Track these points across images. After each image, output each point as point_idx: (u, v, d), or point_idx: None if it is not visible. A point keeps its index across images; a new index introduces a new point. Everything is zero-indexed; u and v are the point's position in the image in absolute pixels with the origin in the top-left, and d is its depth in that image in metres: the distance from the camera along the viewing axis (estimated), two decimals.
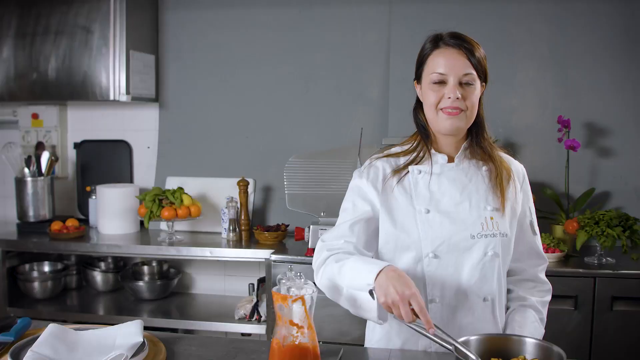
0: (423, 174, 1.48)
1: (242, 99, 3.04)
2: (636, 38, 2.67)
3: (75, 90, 2.82)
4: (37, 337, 1.32)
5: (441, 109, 1.42)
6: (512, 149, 2.27)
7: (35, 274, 2.93)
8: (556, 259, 2.39)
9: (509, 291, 1.57)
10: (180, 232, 2.92)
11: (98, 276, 2.99)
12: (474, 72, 1.40)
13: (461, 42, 1.40)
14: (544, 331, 1.52)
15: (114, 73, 2.79)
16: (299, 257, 2.47)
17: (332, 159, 2.71)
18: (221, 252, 2.67)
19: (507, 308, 1.56)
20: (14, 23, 2.86)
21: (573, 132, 2.65)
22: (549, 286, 1.59)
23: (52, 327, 1.34)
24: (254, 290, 2.76)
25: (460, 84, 1.40)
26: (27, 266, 2.95)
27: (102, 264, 3.05)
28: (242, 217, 2.81)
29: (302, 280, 1.21)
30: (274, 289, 1.21)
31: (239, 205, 2.82)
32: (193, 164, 3.10)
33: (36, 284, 2.84)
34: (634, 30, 2.66)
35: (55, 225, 2.84)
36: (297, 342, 1.20)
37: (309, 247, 2.49)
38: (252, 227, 2.87)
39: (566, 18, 2.72)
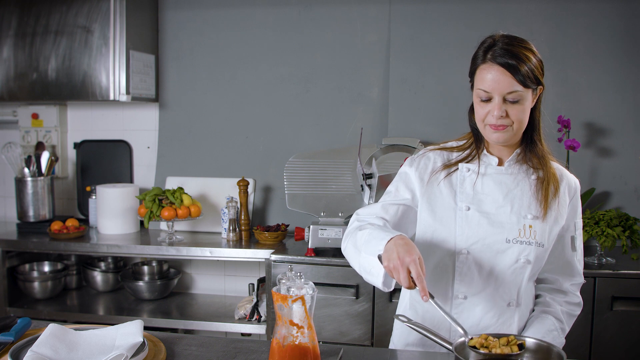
0: (471, 173, 1.50)
1: (242, 99, 3.04)
2: (636, 38, 2.67)
3: (75, 90, 2.82)
4: (37, 337, 1.32)
5: (487, 125, 1.43)
6: None
7: (35, 274, 2.93)
8: None
9: (538, 296, 1.57)
10: (180, 232, 2.92)
11: (98, 276, 2.99)
12: (521, 89, 1.37)
13: (507, 60, 1.36)
14: (564, 341, 1.50)
15: (114, 73, 2.79)
16: (299, 257, 2.47)
17: (332, 159, 2.71)
18: (221, 252, 2.67)
19: (533, 311, 1.56)
20: (14, 23, 2.86)
21: (573, 132, 2.65)
22: (579, 300, 1.57)
23: (52, 327, 1.34)
24: (254, 290, 2.76)
25: (505, 100, 1.39)
26: (27, 266, 2.95)
27: (102, 264, 3.05)
28: (242, 217, 2.81)
29: (302, 280, 1.21)
30: (274, 289, 1.21)
31: (239, 205, 2.82)
32: (193, 164, 3.10)
33: (36, 284, 2.84)
34: (634, 30, 2.66)
35: (55, 225, 2.84)
36: (297, 342, 1.20)
37: (309, 247, 2.49)
38: (252, 227, 2.87)
39: (566, 18, 2.72)
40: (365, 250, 1.40)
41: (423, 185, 1.53)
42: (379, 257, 1.33)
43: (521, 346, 1.25)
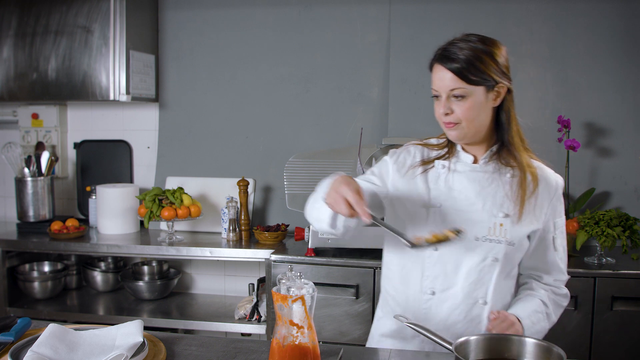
0: (446, 170, 1.51)
1: (242, 98, 3.04)
2: (636, 38, 2.67)
3: (75, 90, 2.82)
4: (37, 337, 1.32)
5: (442, 122, 1.45)
6: None
7: (35, 274, 2.93)
8: None
9: (523, 284, 1.59)
10: (180, 232, 2.92)
11: (98, 276, 2.99)
12: (466, 86, 1.38)
13: (449, 60, 1.39)
14: (547, 326, 1.51)
15: (114, 73, 2.79)
16: (299, 257, 2.47)
17: (332, 159, 2.71)
18: (221, 252, 2.67)
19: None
20: (14, 23, 2.86)
21: (573, 132, 2.65)
22: (566, 292, 1.58)
23: (52, 327, 1.34)
24: (254, 290, 2.76)
25: (452, 97, 1.41)
26: (27, 266, 2.95)
27: (102, 264, 3.05)
28: (242, 217, 2.81)
29: (302, 280, 1.21)
30: (274, 289, 1.21)
31: (239, 205, 2.82)
32: (193, 164, 3.10)
33: (36, 284, 2.84)
34: (634, 30, 2.66)
35: (55, 225, 2.84)
36: (297, 342, 1.20)
37: (309, 247, 2.49)
38: (252, 227, 2.87)
39: (566, 18, 2.72)
40: (315, 201, 1.46)
41: (398, 178, 1.54)
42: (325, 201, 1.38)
43: (458, 231, 1.34)
